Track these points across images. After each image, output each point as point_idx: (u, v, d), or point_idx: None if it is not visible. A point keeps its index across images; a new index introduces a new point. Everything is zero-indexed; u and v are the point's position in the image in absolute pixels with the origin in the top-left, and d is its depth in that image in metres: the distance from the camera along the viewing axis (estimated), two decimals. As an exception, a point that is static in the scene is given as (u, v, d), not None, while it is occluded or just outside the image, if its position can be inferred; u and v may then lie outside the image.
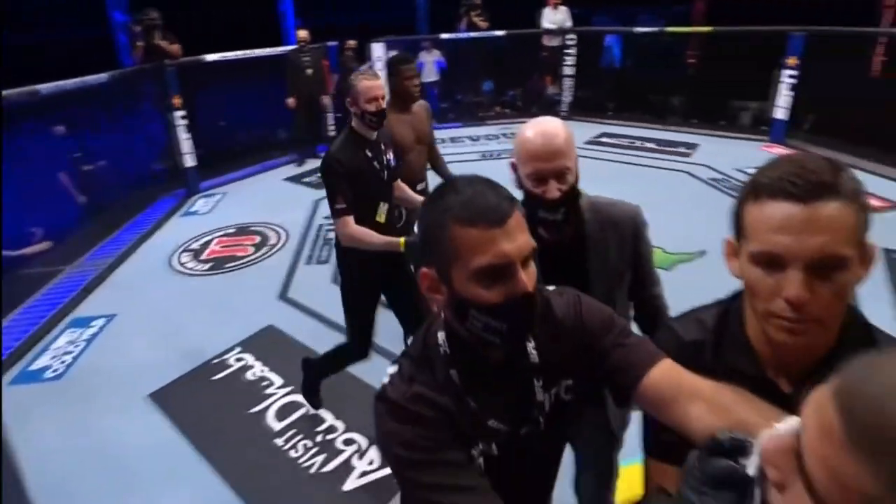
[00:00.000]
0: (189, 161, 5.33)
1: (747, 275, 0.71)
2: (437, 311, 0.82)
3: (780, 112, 5.86)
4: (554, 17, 7.27)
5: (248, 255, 4.03)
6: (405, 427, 0.73)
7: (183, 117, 5.15)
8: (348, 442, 2.25)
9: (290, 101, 5.88)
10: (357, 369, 2.67)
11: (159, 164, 5.58)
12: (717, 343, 0.80)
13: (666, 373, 0.75)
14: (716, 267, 0.80)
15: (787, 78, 5.74)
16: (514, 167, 1.15)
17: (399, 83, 2.52)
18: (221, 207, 5.07)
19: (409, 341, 0.84)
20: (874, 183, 4.68)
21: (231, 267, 3.87)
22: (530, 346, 0.80)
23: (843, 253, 0.64)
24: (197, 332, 3.08)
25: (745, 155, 5.32)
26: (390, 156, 2.13)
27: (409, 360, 0.80)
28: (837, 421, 0.32)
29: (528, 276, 0.70)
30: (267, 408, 2.47)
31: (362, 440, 2.25)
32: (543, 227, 1.14)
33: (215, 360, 2.82)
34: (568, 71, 7.29)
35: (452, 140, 6.90)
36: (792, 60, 5.68)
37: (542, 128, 1.11)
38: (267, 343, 2.96)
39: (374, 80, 1.99)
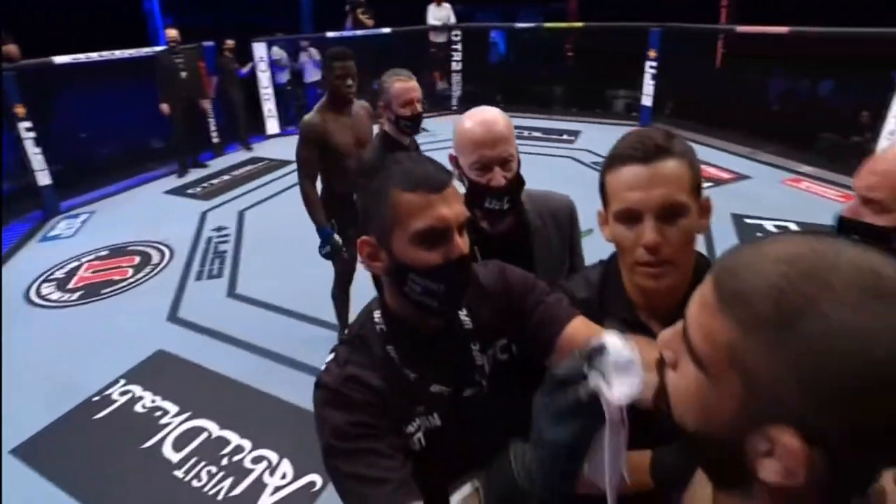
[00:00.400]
0: (43, 179, 4.68)
1: (614, 234, 0.83)
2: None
3: (647, 99, 6.50)
4: (438, 14, 7.41)
5: (128, 278, 3.63)
6: (336, 413, 0.74)
7: (30, 129, 4.50)
8: (257, 460, 2.12)
9: (164, 106, 5.37)
10: (261, 383, 2.53)
11: (5, 183, 4.83)
12: (601, 296, 0.91)
13: (580, 327, 0.83)
14: (604, 242, 0.89)
15: (649, 69, 6.38)
16: (454, 160, 1.15)
17: (331, 81, 2.33)
18: (89, 228, 4.52)
19: (346, 330, 0.85)
20: (723, 158, 5.36)
21: (108, 293, 3.46)
22: (462, 313, 0.85)
23: (683, 200, 0.78)
24: (69, 369, 2.72)
25: (621, 139, 5.82)
26: None
27: (344, 346, 0.81)
28: (710, 291, 0.39)
29: (462, 243, 0.76)
30: (163, 439, 2.25)
31: (272, 455, 2.14)
32: (488, 217, 1.13)
33: (95, 398, 2.51)
34: (456, 66, 7.47)
35: (348, 140, 6.77)
36: (652, 53, 6.32)
37: (482, 116, 1.11)
38: (157, 370, 2.70)
39: (408, 81, 1.81)
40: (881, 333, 0.32)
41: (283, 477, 2.03)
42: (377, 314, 0.82)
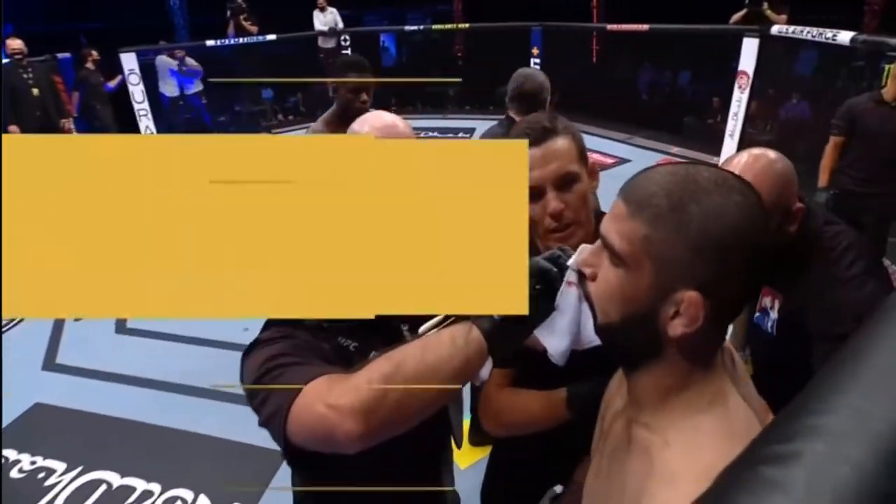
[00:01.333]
0: None
1: None
2: None
3: (534, 94, 6.88)
4: (324, 19, 7.25)
5: (-14, 328, 3.15)
6: (275, 345, 0.76)
7: None
8: (170, 501, 1.95)
9: (13, 128, 4.70)
10: (165, 419, 2.32)
11: None
12: None
13: None
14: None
15: (534, 65, 6.75)
16: None
17: (342, 94, 2.08)
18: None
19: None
20: (605, 145, 5.83)
21: (-40, 348, 2.97)
22: None
23: (574, 169, 0.91)
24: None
25: (515, 134, 6.11)
26: None
27: (274, 326, 0.81)
28: (621, 206, 0.53)
29: None
30: (51, 502, 1.98)
31: (187, 493, 1.97)
32: None
33: (-44, 472, 2.15)
34: (348, 71, 7.37)
35: (240, 152, 6.41)
36: (535, 51, 6.72)
37: (382, 121, 1.04)
38: (34, 426, 2.37)
39: None
40: (731, 208, 0.49)
41: (202, 514, 1.89)
42: None
